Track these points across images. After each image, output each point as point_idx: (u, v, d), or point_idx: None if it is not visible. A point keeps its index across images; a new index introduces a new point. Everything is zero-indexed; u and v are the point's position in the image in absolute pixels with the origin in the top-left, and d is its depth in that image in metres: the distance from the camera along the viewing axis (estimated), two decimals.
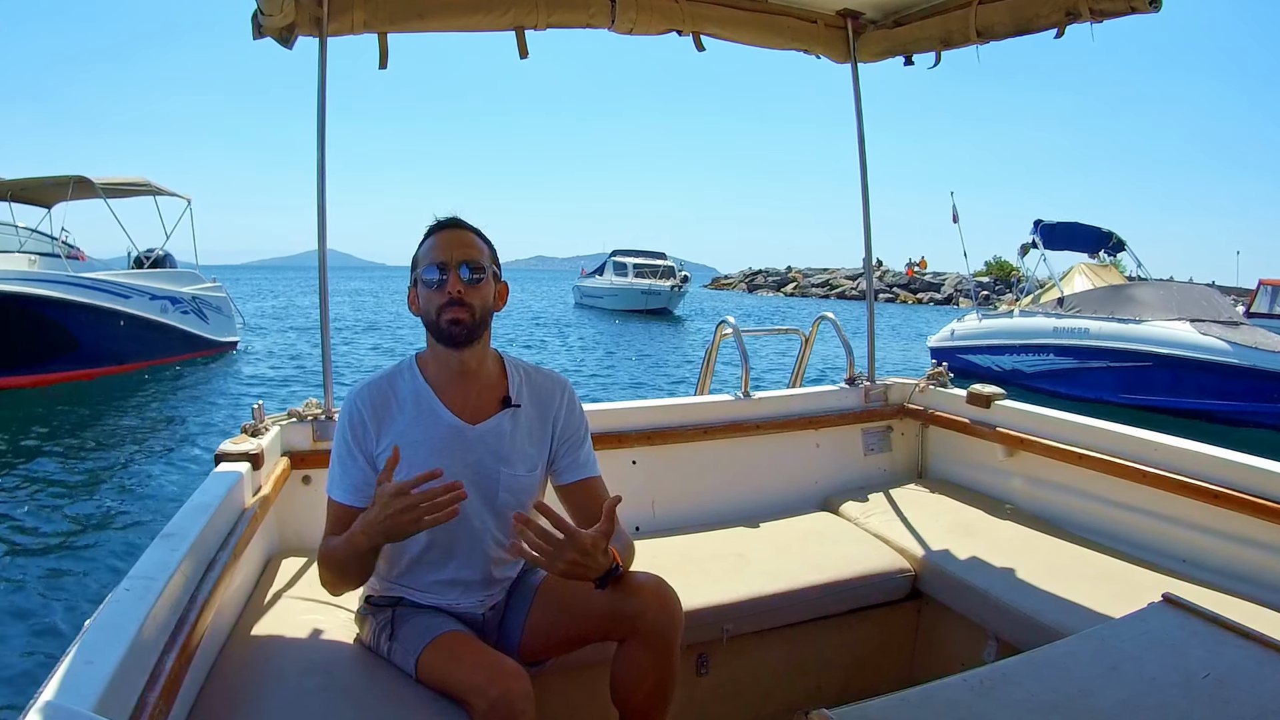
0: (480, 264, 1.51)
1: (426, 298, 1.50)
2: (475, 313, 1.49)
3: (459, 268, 1.48)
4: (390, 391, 1.56)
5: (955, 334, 13.04)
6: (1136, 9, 2.04)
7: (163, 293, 12.39)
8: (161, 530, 1.47)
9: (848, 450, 2.86)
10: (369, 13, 2.10)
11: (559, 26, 2.27)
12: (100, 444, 7.64)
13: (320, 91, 2.17)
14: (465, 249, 1.50)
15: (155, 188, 12.93)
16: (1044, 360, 11.09)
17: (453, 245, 1.50)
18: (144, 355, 12.02)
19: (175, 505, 1.75)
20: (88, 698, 0.94)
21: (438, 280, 1.48)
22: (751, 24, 2.54)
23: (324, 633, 1.63)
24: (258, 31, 2.04)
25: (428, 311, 1.51)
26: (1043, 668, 1.27)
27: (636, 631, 1.46)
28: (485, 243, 1.56)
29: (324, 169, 2.19)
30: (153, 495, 6.03)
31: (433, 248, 1.51)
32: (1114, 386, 10.17)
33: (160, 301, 12.31)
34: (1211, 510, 2.00)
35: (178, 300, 12.87)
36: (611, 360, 16.14)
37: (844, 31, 2.75)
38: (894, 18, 2.69)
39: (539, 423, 1.62)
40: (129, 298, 11.42)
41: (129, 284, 11.59)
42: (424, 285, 1.50)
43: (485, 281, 1.51)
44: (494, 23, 2.21)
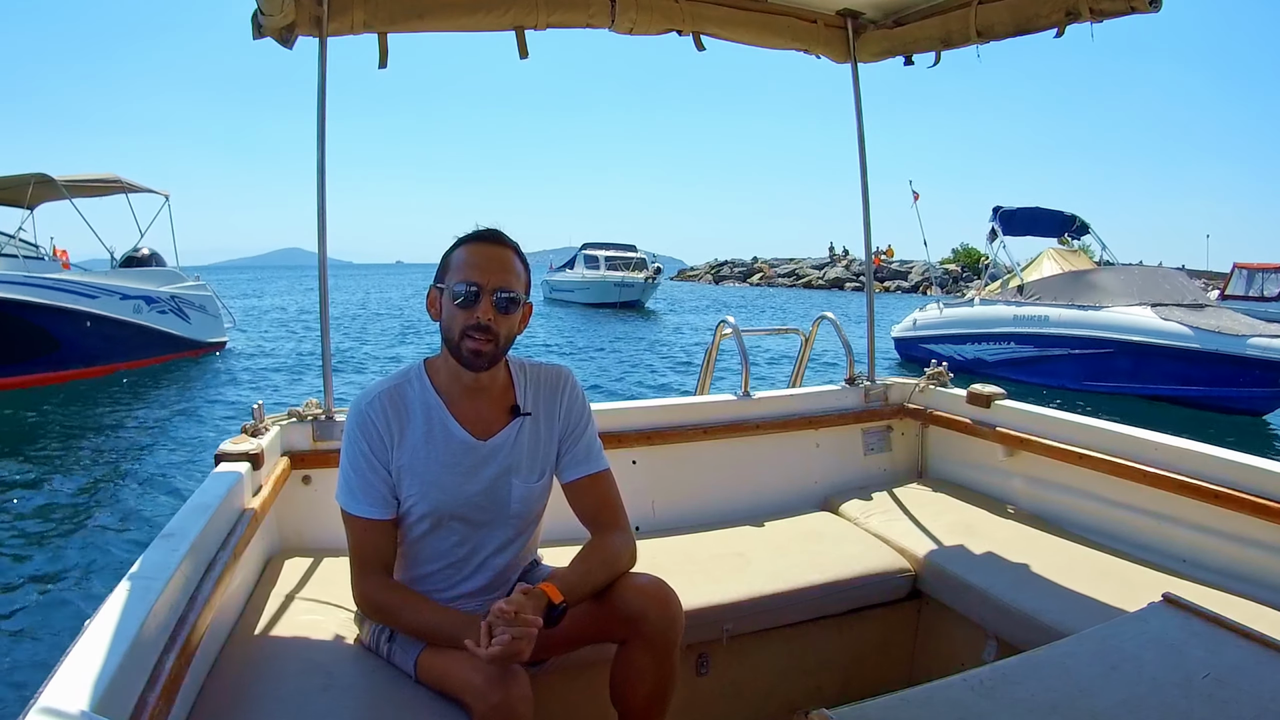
0: (515, 294, 1.44)
1: (451, 313, 1.44)
2: (500, 342, 1.44)
3: (493, 293, 1.42)
4: (400, 400, 1.51)
5: (917, 324, 12.93)
6: (1136, 9, 2.04)
7: (136, 292, 11.95)
8: (161, 530, 1.47)
9: (848, 450, 2.86)
10: (369, 13, 2.10)
11: (559, 26, 2.26)
12: (52, 452, 7.43)
13: (320, 91, 2.17)
14: (503, 274, 1.43)
15: (128, 184, 12.53)
16: (1005, 349, 11.02)
17: (491, 267, 1.43)
18: (115, 358, 11.58)
19: (145, 511, 1.74)
20: (88, 698, 0.94)
21: (467, 299, 1.42)
22: (751, 24, 2.54)
23: (324, 633, 1.63)
24: (258, 31, 2.04)
25: (450, 327, 1.45)
26: (1043, 668, 1.27)
27: (638, 633, 1.46)
28: (523, 264, 1.49)
29: (324, 169, 2.19)
30: (120, 505, 5.83)
31: (468, 263, 1.44)
32: (1075, 374, 10.12)
33: (132, 301, 11.85)
34: (1211, 510, 2.00)
35: (153, 300, 12.39)
36: (588, 356, 15.90)
37: (844, 31, 2.75)
38: (894, 18, 2.69)
39: (546, 422, 1.60)
40: (95, 298, 11.01)
41: (95, 284, 11.20)
42: (451, 297, 1.44)
43: (516, 310, 1.46)
44: (494, 23, 2.21)
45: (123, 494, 6.08)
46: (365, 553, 1.49)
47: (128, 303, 11.80)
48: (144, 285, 12.36)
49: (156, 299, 12.55)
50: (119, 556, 4.71)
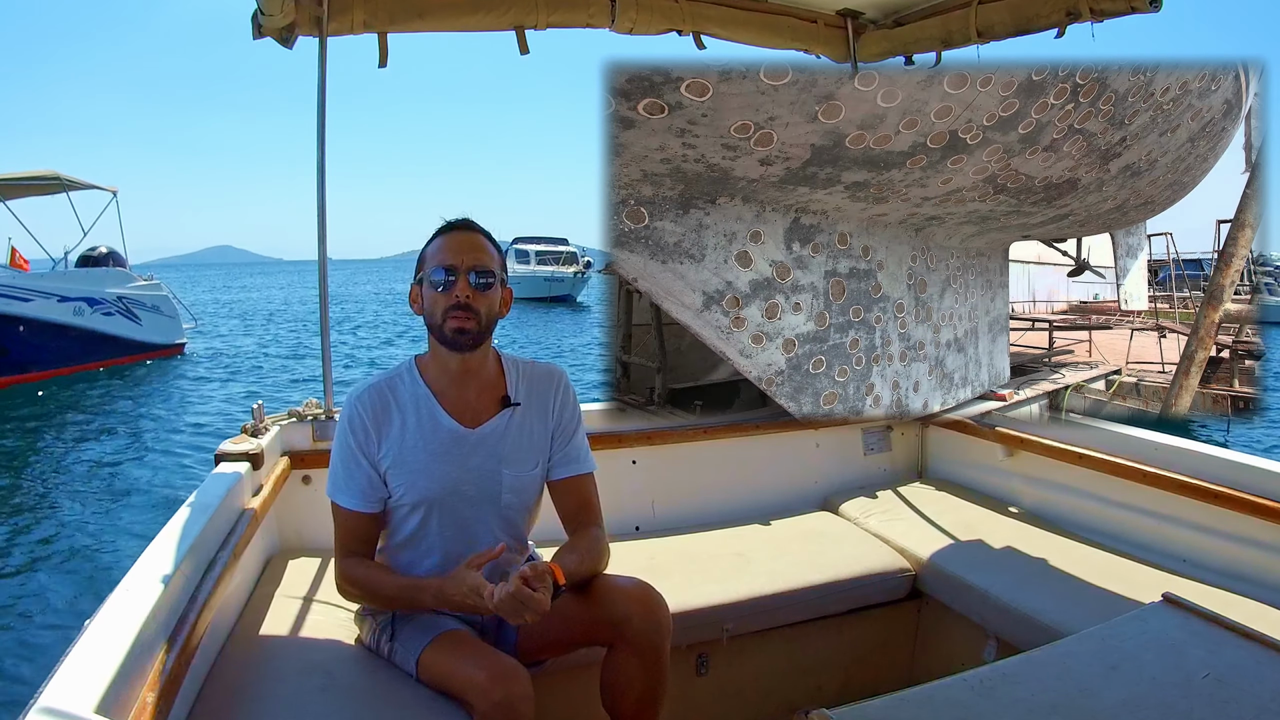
0: (490, 270, 1.49)
1: (432, 299, 1.48)
2: (481, 320, 1.48)
3: (468, 273, 1.46)
4: (390, 395, 1.54)
5: None
6: (1137, 9, 2.04)
7: (77, 294, 11.52)
8: (161, 530, 1.47)
9: (848, 450, 2.86)
10: (369, 13, 2.10)
11: (559, 26, 2.27)
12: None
13: (320, 92, 2.18)
14: (475, 254, 1.48)
15: (69, 181, 11.92)
16: None
17: (463, 249, 1.48)
18: (52, 363, 11.23)
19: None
20: (88, 698, 0.94)
21: (445, 283, 1.46)
22: (751, 24, 2.54)
23: (324, 633, 1.63)
24: (258, 31, 2.04)
25: (432, 313, 1.49)
26: (1043, 668, 1.27)
27: (622, 637, 1.46)
28: (495, 247, 1.54)
29: (324, 169, 2.19)
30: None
31: (441, 249, 1.49)
32: None
33: (72, 304, 11.43)
34: (1211, 510, 2.00)
35: (97, 302, 11.92)
36: (518, 351, 15.74)
37: (844, 31, 2.75)
38: (894, 18, 2.69)
39: (538, 417, 1.61)
40: (29, 301, 10.69)
41: (30, 287, 10.84)
42: (430, 286, 1.48)
43: (493, 288, 1.49)
44: (494, 22, 2.21)
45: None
46: (347, 539, 1.54)
47: (67, 305, 11.34)
48: (86, 286, 11.83)
49: (101, 301, 12.01)
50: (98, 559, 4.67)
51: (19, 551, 5.08)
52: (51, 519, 5.75)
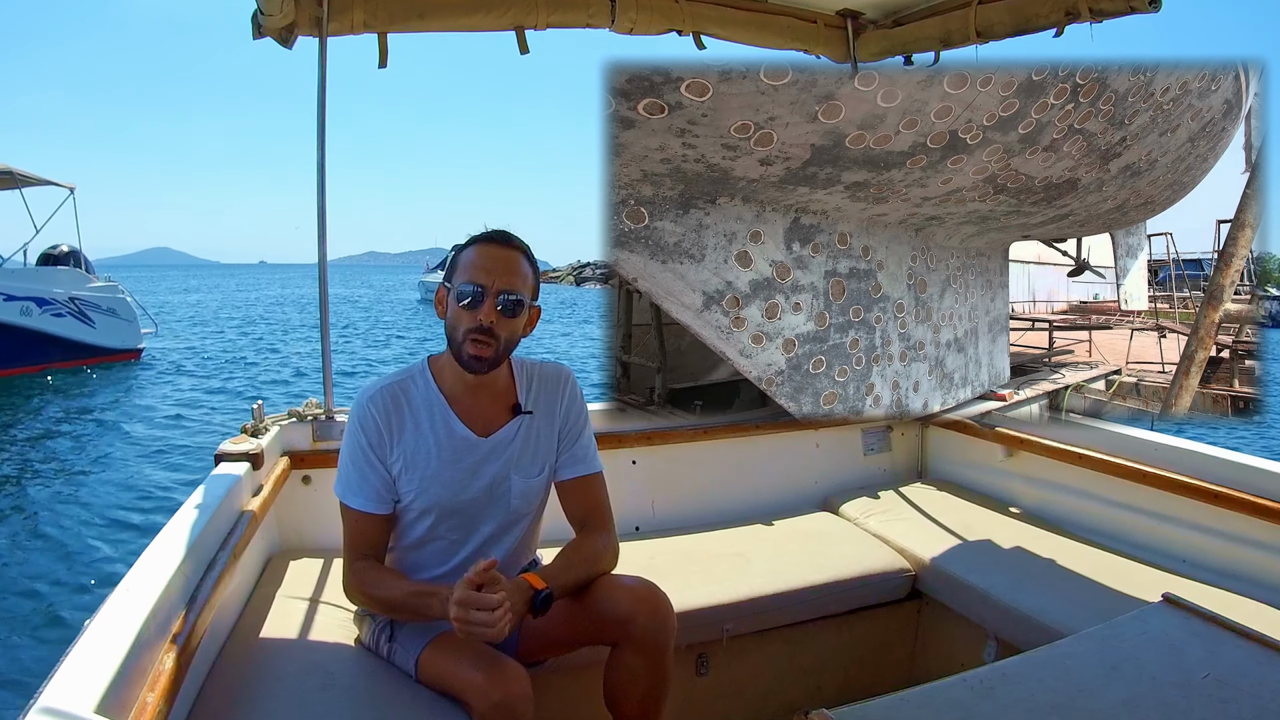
0: (519, 297, 1.44)
1: (456, 314, 1.45)
2: (500, 346, 1.45)
3: (497, 294, 1.42)
4: (403, 397, 1.52)
5: None
6: (1136, 9, 2.04)
7: (24, 293, 11.14)
8: (161, 530, 1.47)
9: (847, 450, 2.86)
10: (369, 13, 2.10)
11: (559, 26, 2.27)
12: None
13: (320, 92, 2.18)
14: (508, 276, 1.43)
15: (22, 177, 11.51)
16: None
17: (496, 269, 1.43)
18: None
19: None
20: (88, 698, 0.94)
21: (471, 299, 1.42)
22: (751, 24, 2.54)
23: (324, 633, 1.63)
24: (257, 32, 2.04)
25: (454, 327, 1.45)
26: (1043, 668, 1.27)
27: (628, 636, 1.45)
28: (531, 265, 1.50)
29: (324, 169, 2.19)
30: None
31: (474, 263, 1.44)
32: None
33: (19, 303, 11.07)
34: (1211, 510, 2.00)
35: (46, 302, 11.48)
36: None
37: (844, 31, 2.75)
38: (893, 17, 2.69)
39: (547, 420, 1.60)
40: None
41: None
42: (456, 297, 1.45)
43: (520, 314, 1.46)
44: (494, 22, 2.21)
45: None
46: (357, 541, 1.51)
47: (13, 304, 11.02)
48: (36, 285, 11.47)
49: (50, 301, 11.61)
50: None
51: None
52: None
